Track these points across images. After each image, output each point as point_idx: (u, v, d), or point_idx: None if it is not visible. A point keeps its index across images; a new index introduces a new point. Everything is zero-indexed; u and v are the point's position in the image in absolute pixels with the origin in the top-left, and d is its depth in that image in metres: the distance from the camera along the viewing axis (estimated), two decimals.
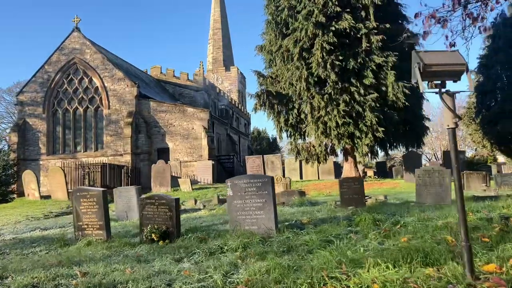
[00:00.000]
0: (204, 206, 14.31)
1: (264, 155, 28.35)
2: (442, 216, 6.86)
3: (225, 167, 34.42)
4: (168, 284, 4.28)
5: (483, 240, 4.84)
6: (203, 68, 47.54)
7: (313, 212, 9.77)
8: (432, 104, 60.90)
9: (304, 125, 21.76)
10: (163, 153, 31.39)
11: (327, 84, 20.23)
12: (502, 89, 29.77)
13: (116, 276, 4.63)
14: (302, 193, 13.87)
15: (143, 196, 7.43)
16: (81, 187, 8.47)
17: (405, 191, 17.24)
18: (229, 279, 4.31)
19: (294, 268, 4.47)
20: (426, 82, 3.69)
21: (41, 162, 32.47)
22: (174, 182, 24.74)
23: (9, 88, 63.53)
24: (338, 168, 33.10)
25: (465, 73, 3.64)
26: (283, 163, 31.35)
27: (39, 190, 23.32)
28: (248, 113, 62.41)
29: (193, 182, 25.12)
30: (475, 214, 6.71)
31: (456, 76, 3.66)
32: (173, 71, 46.66)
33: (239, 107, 57.31)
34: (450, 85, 3.68)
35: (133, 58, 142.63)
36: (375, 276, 3.76)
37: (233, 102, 55.34)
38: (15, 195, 26.78)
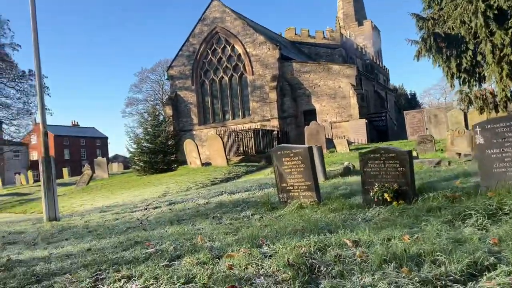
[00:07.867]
0: None
1: (425, 109, 25.69)
2: None
3: (376, 125, 32.21)
4: (497, 258, 3.08)
5: None
6: (339, 23, 45.16)
7: None
8: None
9: (482, 69, 18.74)
10: (310, 115, 30.45)
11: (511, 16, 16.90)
12: None
13: (398, 244, 3.58)
14: None
15: (364, 150, 6.33)
16: (282, 145, 7.69)
17: None
18: None
19: None
20: None
21: (194, 132, 34.14)
22: (328, 143, 23.71)
23: (153, 67, 68.65)
24: None
25: None
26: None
27: (200, 158, 24.24)
28: (386, 68, 58.49)
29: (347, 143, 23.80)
30: None
31: None
32: (308, 31, 45.13)
33: (377, 63, 53.79)
34: None
35: (263, 23, 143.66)
36: None
37: (371, 57, 52.12)
38: (176, 164, 28.43)
